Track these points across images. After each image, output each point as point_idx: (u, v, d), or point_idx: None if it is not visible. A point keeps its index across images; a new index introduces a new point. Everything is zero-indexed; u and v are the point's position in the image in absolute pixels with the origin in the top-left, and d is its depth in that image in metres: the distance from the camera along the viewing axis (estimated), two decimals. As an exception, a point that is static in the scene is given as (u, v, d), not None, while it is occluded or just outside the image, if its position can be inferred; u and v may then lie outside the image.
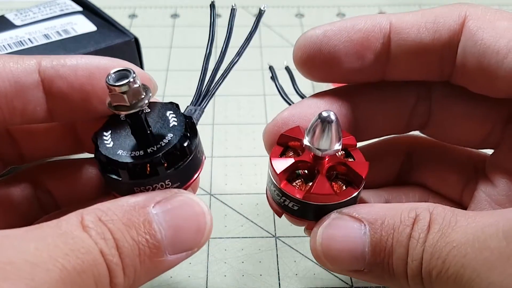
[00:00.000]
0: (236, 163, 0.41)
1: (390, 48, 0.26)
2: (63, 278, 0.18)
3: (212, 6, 0.28)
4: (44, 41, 0.38)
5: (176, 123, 0.24)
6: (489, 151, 0.29)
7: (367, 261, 0.23)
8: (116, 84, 0.22)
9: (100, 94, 0.24)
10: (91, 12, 0.41)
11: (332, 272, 0.33)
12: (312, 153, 0.25)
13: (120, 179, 0.23)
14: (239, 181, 0.40)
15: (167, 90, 0.48)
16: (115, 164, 0.23)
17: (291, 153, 0.26)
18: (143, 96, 0.22)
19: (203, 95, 0.27)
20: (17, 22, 0.40)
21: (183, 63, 0.52)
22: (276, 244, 0.35)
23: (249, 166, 0.41)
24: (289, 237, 0.35)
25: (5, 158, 0.28)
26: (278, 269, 0.33)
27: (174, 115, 0.24)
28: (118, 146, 0.24)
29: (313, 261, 0.34)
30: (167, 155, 0.23)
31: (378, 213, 0.23)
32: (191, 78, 0.50)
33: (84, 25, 0.39)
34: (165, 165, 0.23)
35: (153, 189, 0.23)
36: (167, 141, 0.23)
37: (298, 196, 0.24)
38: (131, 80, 0.22)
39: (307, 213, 0.25)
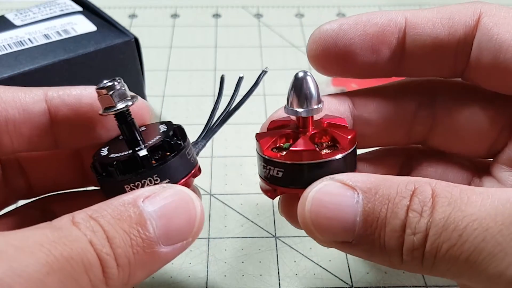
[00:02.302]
0: (236, 163, 0.41)
1: (405, 43, 0.26)
2: (50, 263, 0.18)
3: (222, 79, 0.30)
4: (44, 41, 0.38)
5: (165, 130, 0.26)
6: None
7: (356, 232, 0.22)
8: (103, 86, 0.24)
9: (103, 121, 0.26)
10: (91, 12, 0.41)
11: (332, 272, 0.33)
12: (296, 122, 0.25)
13: (110, 177, 0.24)
14: (239, 181, 0.40)
15: (167, 90, 0.48)
16: (105, 164, 0.25)
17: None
18: (129, 98, 0.25)
19: (207, 132, 0.29)
20: (17, 22, 0.40)
21: (183, 63, 0.52)
22: (276, 244, 0.35)
23: (249, 166, 0.41)
24: (289, 237, 0.35)
25: (15, 189, 0.29)
26: (278, 269, 0.33)
27: (165, 126, 0.26)
28: (112, 153, 0.25)
29: (313, 261, 0.34)
30: (153, 151, 0.24)
31: (373, 183, 0.22)
32: (191, 78, 0.50)
33: (84, 25, 0.39)
34: (153, 161, 0.24)
35: (143, 186, 0.24)
36: (154, 139, 0.25)
37: (279, 158, 0.24)
38: (116, 83, 0.24)
39: (294, 179, 0.24)
